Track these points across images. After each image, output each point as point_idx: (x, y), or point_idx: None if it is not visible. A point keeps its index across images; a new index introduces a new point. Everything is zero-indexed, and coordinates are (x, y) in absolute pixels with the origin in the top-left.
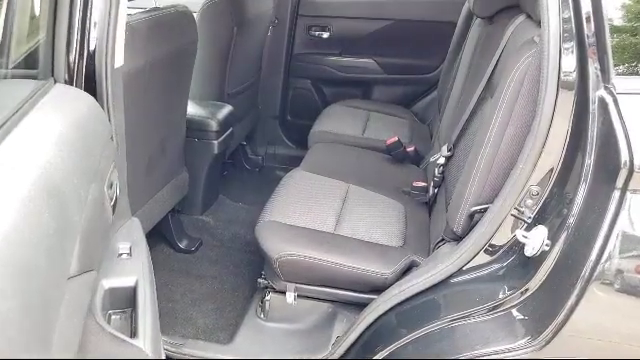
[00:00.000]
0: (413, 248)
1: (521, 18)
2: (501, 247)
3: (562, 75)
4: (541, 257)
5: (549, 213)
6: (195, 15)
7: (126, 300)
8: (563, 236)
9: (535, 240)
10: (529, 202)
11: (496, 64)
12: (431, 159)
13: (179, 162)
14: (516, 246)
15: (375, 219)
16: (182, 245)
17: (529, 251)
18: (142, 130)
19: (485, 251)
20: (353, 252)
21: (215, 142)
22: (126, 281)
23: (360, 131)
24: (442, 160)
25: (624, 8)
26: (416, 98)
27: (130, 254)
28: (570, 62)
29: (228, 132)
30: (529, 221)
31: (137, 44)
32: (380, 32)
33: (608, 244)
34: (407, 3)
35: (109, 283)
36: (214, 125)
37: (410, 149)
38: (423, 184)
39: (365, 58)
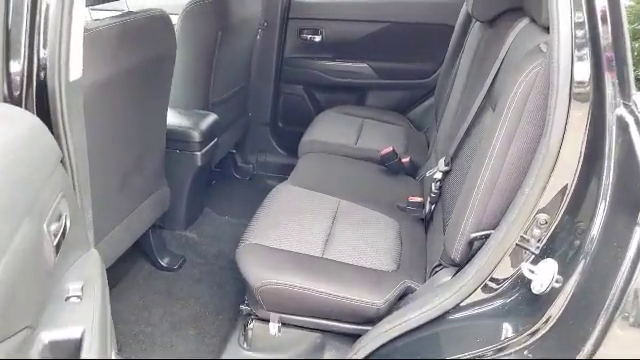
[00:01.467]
0: (408, 272)
1: (524, 22)
2: (504, 281)
3: (575, 87)
4: (551, 294)
5: (559, 245)
6: (176, 18)
7: (70, 355)
8: (577, 272)
9: (544, 275)
10: (536, 232)
11: (497, 72)
12: (427, 173)
13: (159, 176)
14: (521, 280)
15: (367, 239)
16: (164, 263)
17: (537, 287)
18: (114, 145)
19: (486, 285)
20: (342, 280)
21: (198, 154)
22: (70, 332)
23: (353, 140)
24: (439, 175)
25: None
26: (412, 104)
27: (81, 297)
28: (584, 72)
29: (212, 143)
30: (536, 252)
31: (105, 52)
32: (375, 35)
33: (632, 282)
34: (403, 5)
35: (49, 336)
36: (197, 136)
37: (405, 160)
38: (419, 199)
39: (359, 62)
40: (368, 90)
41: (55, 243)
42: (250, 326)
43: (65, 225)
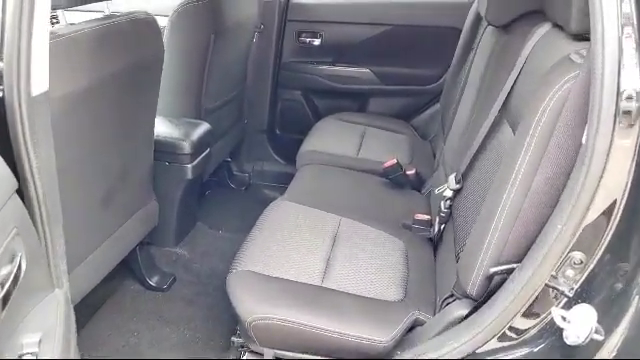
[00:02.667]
0: (416, 302)
1: (546, 27)
2: (531, 328)
3: (622, 102)
4: (590, 348)
5: (598, 289)
6: (166, 21)
7: None
8: (623, 323)
9: (580, 324)
10: (569, 272)
11: (514, 82)
12: (436, 191)
13: (146, 190)
14: (551, 327)
15: (371, 263)
16: (152, 282)
17: (572, 338)
18: (95, 160)
19: (509, 330)
20: (344, 314)
21: (189, 166)
22: None
23: (354, 150)
24: (449, 193)
25: None
26: (416, 111)
27: (37, 354)
28: (634, 83)
29: (204, 154)
30: (570, 294)
31: (82, 60)
32: (377, 38)
33: None
34: (407, 6)
35: None
36: (187, 147)
37: (410, 172)
38: (426, 217)
39: (360, 67)
40: (370, 96)
41: (2, 293)
42: (243, 358)
43: (20, 267)
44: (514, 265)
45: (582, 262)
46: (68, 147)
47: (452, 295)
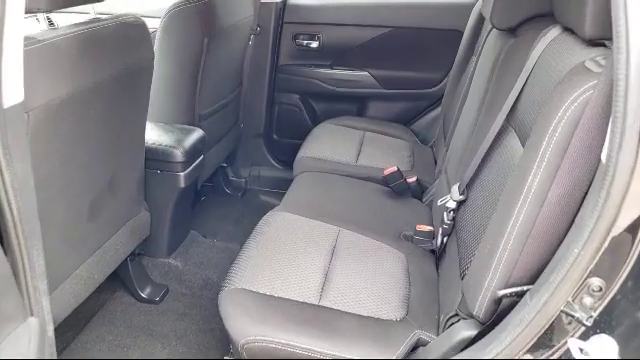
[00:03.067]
0: (418, 320)
1: (555, 31)
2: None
3: None
4: None
5: (619, 319)
6: (157, 23)
7: None
8: None
9: (598, 357)
10: (587, 300)
11: (522, 89)
12: (439, 202)
13: (136, 200)
14: (567, 359)
15: (371, 278)
16: (144, 294)
17: None
18: (79, 171)
19: None
20: (342, 335)
21: (181, 174)
22: None
23: (354, 157)
24: (453, 204)
25: None
26: (416, 116)
27: None
28: None
29: (197, 161)
30: (588, 324)
31: (64, 66)
32: (376, 41)
33: None
34: (407, 8)
35: None
36: (179, 155)
37: (411, 180)
38: (428, 228)
39: (359, 70)
40: (369, 100)
41: None
42: None
43: None
44: (525, 288)
45: (601, 289)
46: (50, 158)
47: (457, 314)
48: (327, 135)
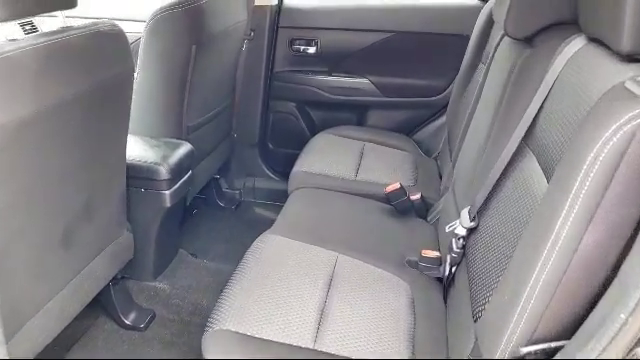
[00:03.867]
0: None
1: (579, 42)
2: None
3: None
4: None
5: None
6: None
7: None
8: None
9: None
10: None
11: (541, 106)
12: (447, 228)
13: (117, 222)
14: None
15: (373, 312)
16: (128, 320)
17: None
18: (48, 195)
19: None
20: None
21: (166, 193)
22: None
23: (353, 171)
24: (462, 231)
25: None
26: (419, 125)
27: None
28: None
29: (185, 178)
30: None
31: (25, 82)
32: (377, 46)
33: None
34: (409, 12)
35: None
36: (164, 172)
37: (415, 197)
38: (435, 254)
39: (359, 77)
40: (369, 109)
41: None
42: None
43: None
44: (552, 345)
45: None
46: (12, 183)
47: None
48: (325, 147)
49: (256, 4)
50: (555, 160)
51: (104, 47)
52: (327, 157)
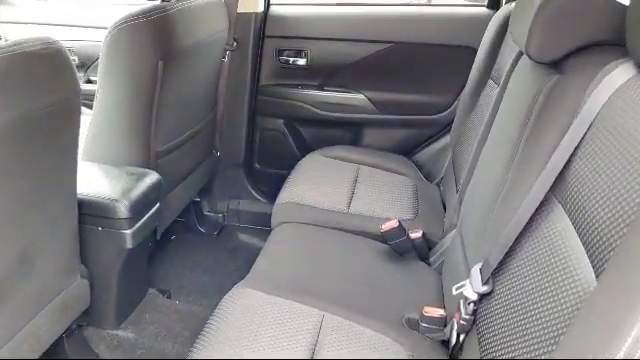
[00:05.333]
0: None
1: (627, 70)
2: None
3: None
4: None
5: None
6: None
7: None
8: None
9: None
10: None
11: (575, 149)
12: (454, 290)
13: (66, 269)
14: None
15: None
16: None
17: None
18: None
19: None
20: None
21: (127, 232)
22: None
23: (345, 202)
24: (473, 295)
25: None
26: (420, 145)
27: None
28: None
29: (150, 213)
30: None
31: None
32: (373, 59)
33: None
34: (409, 21)
35: None
36: (123, 210)
37: (415, 236)
38: (439, 313)
39: (354, 92)
40: (365, 127)
41: None
42: None
43: None
44: None
45: None
46: None
47: None
48: (314, 171)
49: (239, 11)
50: (594, 220)
51: (39, 68)
52: (316, 184)
